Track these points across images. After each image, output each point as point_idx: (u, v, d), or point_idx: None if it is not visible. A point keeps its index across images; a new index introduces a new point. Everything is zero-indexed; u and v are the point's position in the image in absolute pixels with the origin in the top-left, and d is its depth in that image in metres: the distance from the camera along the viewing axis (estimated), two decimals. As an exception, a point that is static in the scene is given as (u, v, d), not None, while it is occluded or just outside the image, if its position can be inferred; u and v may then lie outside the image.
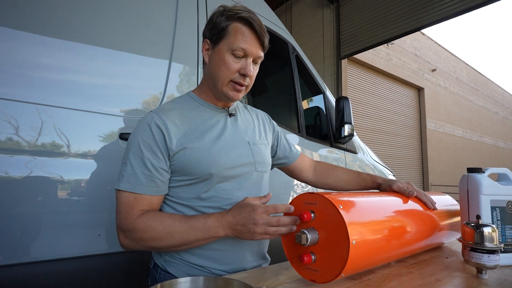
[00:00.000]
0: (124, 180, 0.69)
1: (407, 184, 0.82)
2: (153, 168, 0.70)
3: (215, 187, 0.74)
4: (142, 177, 0.69)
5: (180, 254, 0.74)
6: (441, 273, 0.67)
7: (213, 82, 0.78)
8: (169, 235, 0.66)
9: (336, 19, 6.72)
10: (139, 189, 0.69)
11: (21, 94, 0.86)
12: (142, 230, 0.66)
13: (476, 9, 4.69)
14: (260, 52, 0.77)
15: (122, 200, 0.69)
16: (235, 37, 0.73)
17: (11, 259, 0.82)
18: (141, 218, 0.67)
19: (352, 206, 0.59)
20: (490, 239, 0.64)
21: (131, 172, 0.69)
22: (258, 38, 0.75)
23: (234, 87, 0.76)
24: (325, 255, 0.56)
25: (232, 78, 0.75)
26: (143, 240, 0.67)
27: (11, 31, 0.87)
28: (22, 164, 0.85)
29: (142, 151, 0.70)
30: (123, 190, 0.69)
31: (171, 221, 0.67)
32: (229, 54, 0.74)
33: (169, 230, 0.66)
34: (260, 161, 0.83)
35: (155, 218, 0.67)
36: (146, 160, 0.70)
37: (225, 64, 0.74)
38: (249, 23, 0.74)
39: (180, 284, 0.44)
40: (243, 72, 0.74)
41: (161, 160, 0.71)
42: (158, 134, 0.71)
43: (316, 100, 2.10)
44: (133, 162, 0.70)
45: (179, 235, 0.66)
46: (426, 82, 10.72)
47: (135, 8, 1.14)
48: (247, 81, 0.77)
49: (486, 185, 0.76)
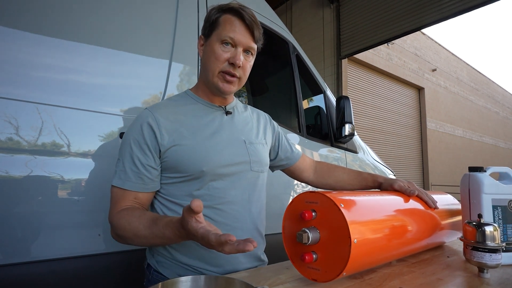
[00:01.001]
0: (116, 176, 0.72)
1: (409, 183, 0.82)
2: (140, 165, 0.71)
3: (207, 185, 0.74)
4: (131, 173, 0.71)
5: (172, 254, 0.74)
6: (443, 272, 0.67)
7: (205, 75, 0.78)
8: (135, 237, 0.65)
9: (336, 19, 6.72)
10: (127, 185, 0.70)
11: (22, 93, 0.86)
12: (116, 227, 0.68)
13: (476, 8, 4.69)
14: (250, 42, 0.76)
15: (112, 195, 0.72)
16: (224, 27, 0.74)
17: (11, 258, 0.82)
18: (118, 215, 0.68)
19: (354, 205, 0.59)
20: (492, 238, 0.64)
21: (122, 169, 0.71)
22: (247, 28, 0.74)
23: (224, 78, 0.76)
24: (326, 254, 0.56)
25: (221, 68, 0.75)
26: (118, 236, 0.69)
27: (11, 30, 0.87)
28: (22, 163, 0.85)
29: (132, 148, 0.72)
30: (114, 185, 0.71)
31: (137, 223, 0.65)
32: (218, 45, 0.74)
33: (134, 232, 0.65)
34: (256, 161, 0.82)
35: (126, 218, 0.67)
36: (134, 157, 0.71)
37: (215, 54, 0.74)
38: (238, 13, 0.74)
39: (181, 283, 0.44)
40: (232, 61, 0.74)
41: (149, 157, 0.72)
42: (148, 132, 0.72)
43: (317, 100, 2.10)
44: (124, 159, 0.72)
45: (144, 239, 0.65)
46: (427, 82, 10.71)
47: (135, 8, 1.14)
48: (239, 72, 0.76)
49: (488, 184, 0.76)
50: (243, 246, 0.46)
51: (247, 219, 0.79)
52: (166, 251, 0.75)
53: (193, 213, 0.49)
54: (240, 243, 0.46)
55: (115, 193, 0.71)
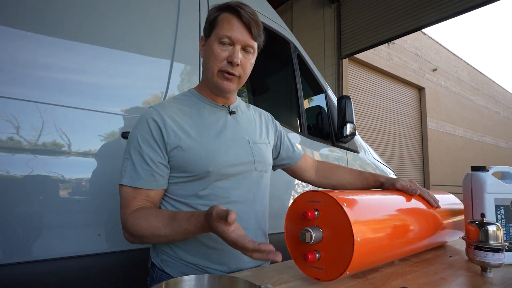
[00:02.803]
0: (126, 175, 0.70)
1: (411, 182, 0.81)
2: (151, 163, 0.70)
3: (212, 185, 0.74)
4: (142, 171, 0.70)
5: (176, 253, 0.74)
6: (445, 271, 0.67)
7: (206, 75, 0.79)
8: (154, 236, 0.65)
9: (337, 19, 6.72)
10: (139, 183, 0.70)
11: (22, 92, 0.86)
12: (132, 227, 0.67)
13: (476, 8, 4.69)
14: (249, 40, 0.75)
15: (123, 195, 0.71)
16: (222, 26, 0.74)
17: (12, 258, 0.82)
18: (133, 215, 0.67)
19: (356, 204, 0.59)
20: (495, 238, 0.64)
21: (132, 167, 0.70)
22: (245, 26, 0.74)
23: (223, 76, 0.76)
24: (329, 253, 0.56)
25: (220, 66, 0.75)
26: (134, 236, 0.68)
27: (12, 30, 0.87)
28: (23, 163, 0.85)
29: (141, 146, 0.71)
30: (124, 184, 0.70)
31: (155, 221, 0.65)
32: (217, 44, 0.74)
33: (153, 231, 0.65)
34: (260, 160, 0.82)
35: (143, 217, 0.66)
36: (144, 155, 0.70)
37: (213, 53, 0.74)
38: (236, 11, 0.74)
39: (185, 282, 0.44)
40: (230, 59, 0.74)
41: (159, 154, 0.71)
42: (155, 129, 0.71)
43: (318, 99, 2.09)
44: (133, 157, 0.71)
45: (164, 237, 0.65)
46: (427, 82, 10.71)
47: (136, 8, 1.14)
48: (238, 71, 0.76)
49: (490, 184, 0.76)
50: (273, 256, 0.48)
51: (251, 219, 0.79)
52: (170, 249, 0.75)
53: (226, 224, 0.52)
54: (271, 253, 0.49)
55: (126, 193, 0.70)
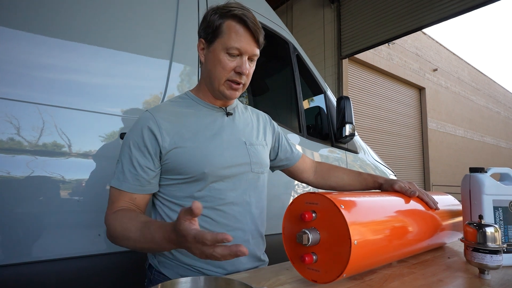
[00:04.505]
0: (115, 177, 0.72)
1: (409, 184, 0.81)
2: (138, 167, 0.71)
3: (208, 186, 0.74)
4: (128, 175, 0.71)
5: (173, 254, 0.74)
6: (443, 273, 0.67)
7: (210, 81, 0.78)
8: (125, 238, 0.64)
9: (337, 19, 6.72)
10: (124, 186, 0.70)
11: (23, 94, 0.86)
12: (109, 228, 0.68)
13: (476, 8, 4.68)
14: (255, 49, 0.76)
15: (110, 196, 0.72)
16: (229, 36, 0.73)
17: (12, 258, 0.82)
18: (112, 216, 0.68)
19: (354, 206, 0.59)
20: (493, 239, 0.64)
21: (120, 170, 0.72)
22: (252, 36, 0.74)
23: (230, 86, 0.76)
24: (326, 255, 0.56)
25: (228, 77, 0.75)
26: (111, 237, 0.68)
27: (12, 31, 0.87)
28: (23, 164, 0.85)
29: (131, 150, 0.72)
30: (112, 186, 0.72)
31: (129, 224, 0.64)
32: (224, 54, 0.74)
33: (124, 233, 0.64)
34: (256, 162, 0.82)
35: (119, 218, 0.66)
36: (133, 158, 0.71)
37: (221, 63, 0.74)
38: (242, 21, 0.73)
39: (181, 284, 0.44)
40: (239, 70, 0.74)
41: (148, 159, 0.72)
42: (148, 135, 0.72)
43: (317, 100, 2.09)
44: (123, 161, 0.72)
45: (133, 241, 0.63)
46: (428, 82, 10.69)
47: (135, 8, 1.14)
48: (244, 79, 0.77)
49: (489, 185, 0.76)
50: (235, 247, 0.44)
51: (247, 220, 0.79)
52: (168, 251, 0.75)
53: (191, 215, 0.48)
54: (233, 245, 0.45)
55: (112, 194, 0.72)
